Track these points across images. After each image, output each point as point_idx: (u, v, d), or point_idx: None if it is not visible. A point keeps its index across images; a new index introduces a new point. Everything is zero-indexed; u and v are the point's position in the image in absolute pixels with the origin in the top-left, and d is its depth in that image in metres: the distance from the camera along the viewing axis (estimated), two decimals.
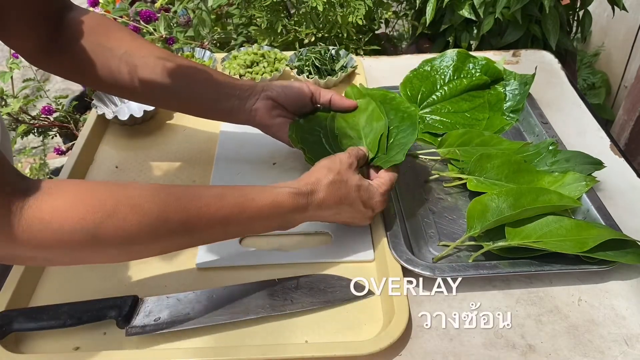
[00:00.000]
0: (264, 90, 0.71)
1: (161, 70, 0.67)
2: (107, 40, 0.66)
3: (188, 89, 0.69)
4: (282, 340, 0.55)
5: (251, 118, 0.72)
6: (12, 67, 1.21)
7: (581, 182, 0.66)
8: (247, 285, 0.60)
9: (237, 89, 0.70)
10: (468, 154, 0.72)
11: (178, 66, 0.68)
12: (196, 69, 0.70)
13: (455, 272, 0.59)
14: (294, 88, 0.72)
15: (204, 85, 0.70)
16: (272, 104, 0.71)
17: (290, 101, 0.72)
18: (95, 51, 0.65)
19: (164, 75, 0.67)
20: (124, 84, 0.67)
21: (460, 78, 0.84)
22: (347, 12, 1.17)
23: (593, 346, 0.54)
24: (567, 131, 0.80)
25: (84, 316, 0.55)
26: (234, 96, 0.70)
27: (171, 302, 0.57)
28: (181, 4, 1.34)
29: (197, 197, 0.52)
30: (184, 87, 0.69)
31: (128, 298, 0.56)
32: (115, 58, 0.65)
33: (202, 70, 0.70)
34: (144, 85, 0.67)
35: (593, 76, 1.93)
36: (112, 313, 0.55)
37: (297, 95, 0.72)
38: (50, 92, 2.16)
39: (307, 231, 0.66)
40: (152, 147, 0.82)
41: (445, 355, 0.54)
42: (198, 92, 0.70)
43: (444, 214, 0.69)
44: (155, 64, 0.67)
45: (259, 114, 0.71)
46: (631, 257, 0.59)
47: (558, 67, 0.97)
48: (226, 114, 0.72)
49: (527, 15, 1.27)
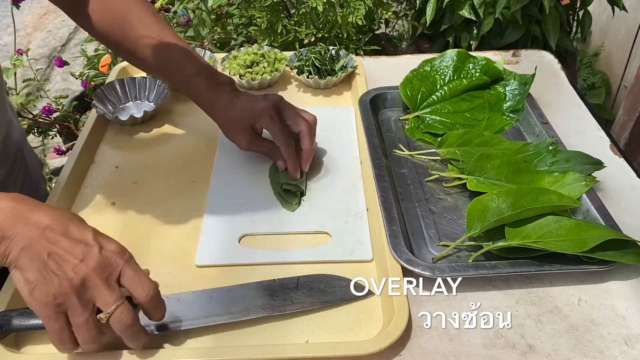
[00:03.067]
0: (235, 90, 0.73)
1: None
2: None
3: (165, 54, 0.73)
4: (282, 340, 0.55)
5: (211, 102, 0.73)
6: (16, 63, 1.22)
7: (581, 182, 0.66)
8: (246, 285, 0.60)
9: (211, 69, 0.74)
10: (468, 154, 0.72)
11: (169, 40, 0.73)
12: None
13: (455, 272, 0.59)
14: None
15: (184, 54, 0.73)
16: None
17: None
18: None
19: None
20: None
21: (460, 78, 0.84)
22: (347, 12, 1.17)
23: (593, 346, 0.54)
24: (567, 131, 0.80)
25: None
26: (205, 73, 0.72)
27: (171, 302, 0.57)
28: (181, 4, 1.34)
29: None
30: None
31: (128, 297, 0.56)
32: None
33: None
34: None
35: (593, 76, 1.93)
36: None
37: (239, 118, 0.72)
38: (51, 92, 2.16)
39: (306, 231, 0.66)
40: (152, 147, 0.82)
41: (445, 355, 0.54)
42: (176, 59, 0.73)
43: (444, 214, 0.69)
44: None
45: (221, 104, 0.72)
46: (631, 257, 0.59)
47: (558, 67, 0.97)
48: (191, 84, 0.73)
49: (527, 15, 1.27)
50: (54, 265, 0.46)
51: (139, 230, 0.67)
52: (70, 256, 0.46)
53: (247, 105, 0.72)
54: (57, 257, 0.46)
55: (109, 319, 0.47)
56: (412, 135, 0.81)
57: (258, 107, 0.71)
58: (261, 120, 0.71)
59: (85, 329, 0.47)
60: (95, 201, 0.72)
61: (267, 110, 0.71)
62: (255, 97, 0.74)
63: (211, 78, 0.73)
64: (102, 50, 1.39)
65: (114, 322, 0.47)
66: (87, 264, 0.46)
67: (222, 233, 0.66)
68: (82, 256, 0.46)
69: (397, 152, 0.78)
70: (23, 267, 0.46)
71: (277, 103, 0.72)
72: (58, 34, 2.86)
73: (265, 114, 0.70)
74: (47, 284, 0.45)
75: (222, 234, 0.66)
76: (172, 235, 0.67)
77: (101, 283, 0.47)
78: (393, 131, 0.83)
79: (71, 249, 0.46)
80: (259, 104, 0.71)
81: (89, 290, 0.46)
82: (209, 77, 0.73)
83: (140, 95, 0.90)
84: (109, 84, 0.89)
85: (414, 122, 0.82)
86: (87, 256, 0.46)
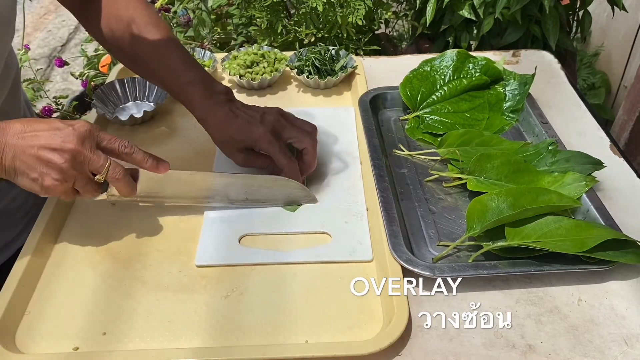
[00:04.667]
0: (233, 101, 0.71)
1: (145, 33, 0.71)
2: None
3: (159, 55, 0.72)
4: (282, 340, 0.55)
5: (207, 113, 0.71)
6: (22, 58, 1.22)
7: (581, 182, 0.66)
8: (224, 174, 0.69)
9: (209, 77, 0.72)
10: (468, 154, 0.72)
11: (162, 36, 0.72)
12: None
13: (455, 272, 0.59)
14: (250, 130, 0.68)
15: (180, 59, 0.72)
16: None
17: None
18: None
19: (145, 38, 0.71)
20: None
21: (460, 78, 0.84)
22: (347, 12, 1.17)
23: (593, 346, 0.54)
24: (567, 131, 0.80)
25: None
26: (201, 82, 0.71)
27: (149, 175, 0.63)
28: (181, 4, 1.34)
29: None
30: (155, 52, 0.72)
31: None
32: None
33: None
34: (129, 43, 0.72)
35: (593, 76, 1.93)
36: None
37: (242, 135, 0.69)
38: (51, 92, 2.16)
39: (306, 231, 0.66)
40: (152, 147, 0.81)
41: (445, 355, 0.54)
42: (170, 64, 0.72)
43: (444, 214, 0.69)
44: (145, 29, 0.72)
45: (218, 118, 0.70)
46: (631, 257, 0.59)
47: (558, 67, 0.97)
48: (186, 93, 0.72)
49: (527, 15, 1.27)
50: (45, 155, 0.55)
51: (139, 230, 0.67)
52: (54, 143, 0.55)
53: (244, 127, 0.68)
54: (44, 149, 0.55)
55: (106, 177, 0.58)
56: (412, 135, 0.81)
57: (255, 133, 0.68)
58: (259, 146, 0.69)
59: (90, 191, 0.60)
60: (96, 201, 0.71)
61: (264, 136, 0.68)
62: (252, 115, 0.69)
63: (206, 88, 0.70)
64: (102, 51, 1.39)
65: (109, 178, 0.59)
66: (70, 143, 0.55)
67: (222, 233, 0.66)
68: (62, 139, 0.55)
69: (397, 152, 0.78)
70: (23, 170, 0.55)
71: (275, 125, 0.69)
72: (58, 34, 2.86)
73: (262, 140, 0.68)
74: (48, 173, 0.55)
75: (222, 234, 0.66)
76: (172, 235, 0.67)
77: (87, 153, 0.57)
78: (393, 131, 0.83)
79: (52, 138, 0.55)
80: (256, 129, 0.68)
81: (81, 164, 0.57)
82: (204, 87, 0.70)
83: (140, 95, 0.90)
84: (109, 84, 0.89)
85: (414, 122, 0.82)
86: (65, 138, 0.55)
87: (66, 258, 0.64)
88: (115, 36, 0.73)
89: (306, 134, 0.70)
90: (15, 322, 0.57)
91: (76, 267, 0.63)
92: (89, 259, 0.64)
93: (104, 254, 0.64)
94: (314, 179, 0.74)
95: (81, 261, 0.64)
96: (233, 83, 0.94)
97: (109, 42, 0.75)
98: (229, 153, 0.72)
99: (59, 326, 0.57)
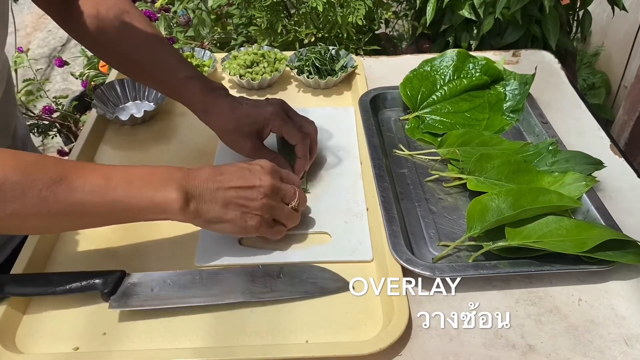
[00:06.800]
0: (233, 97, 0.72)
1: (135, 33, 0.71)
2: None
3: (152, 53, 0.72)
4: (282, 340, 0.55)
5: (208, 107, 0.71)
6: (17, 60, 1.22)
7: (581, 182, 0.66)
8: (230, 269, 0.61)
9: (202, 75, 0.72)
10: (468, 154, 0.72)
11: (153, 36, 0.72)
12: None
13: (455, 272, 0.59)
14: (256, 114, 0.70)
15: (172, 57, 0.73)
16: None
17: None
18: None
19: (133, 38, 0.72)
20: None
21: (460, 78, 0.84)
22: (347, 12, 1.17)
23: (593, 346, 0.54)
24: (567, 131, 0.80)
25: (72, 285, 0.57)
26: (197, 78, 0.71)
27: (155, 282, 0.59)
28: (181, 4, 1.34)
29: (71, 190, 0.51)
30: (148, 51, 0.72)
31: (115, 272, 0.58)
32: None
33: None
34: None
35: (593, 76, 1.93)
36: (98, 284, 0.57)
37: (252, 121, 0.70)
38: (51, 92, 2.16)
39: (306, 231, 0.66)
40: (152, 147, 0.82)
41: (445, 355, 0.54)
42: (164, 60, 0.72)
43: (444, 214, 0.69)
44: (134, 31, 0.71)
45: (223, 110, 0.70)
46: (631, 257, 0.59)
47: (558, 67, 0.97)
48: (184, 93, 0.72)
49: (527, 15, 1.27)
50: (243, 195, 0.58)
51: (139, 230, 0.67)
52: (247, 182, 0.58)
53: (252, 110, 0.70)
54: (240, 190, 0.58)
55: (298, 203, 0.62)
56: (412, 135, 0.81)
57: (267, 112, 0.69)
58: (272, 124, 0.69)
59: (291, 217, 0.63)
60: None
61: (277, 113, 0.69)
62: (257, 102, 0.72)
63: (205, 83, 0.71)
64: None
65: (301, 202, 0.63)
66: (263, 180, 0.58)
67: None
68: (254, 177, 0.59)
69: (397, 152, 0.78)
70: (224, 216, 0.57)
71: (284, 106, 0.72)
72: (58, 34, 2.86)
73: (276, 117, 0.69)
74: (250, 212, 0.58)
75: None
76: (172, 235, 0.67)
77: (279, 185, 0.60)
78: (393, 131, 0.83)
79: (243, 177, 0.58)
80: (266, 108, 0.70)
81: (278, 194, 0.60)
82: (203, 82, 0.71)
83: (140, 95, 0.90)
84: (109, 84, 0.89)
85: (414, 122, 0.82)
86: (256, 176, 0.59)
87: (66, 258, 0.64)
88: (104, 29, 0.71)
89: (310, 122, 0.73)
90: (15, 322, 0.57)
91: (76, 267, 0.63)
92: (89, 259, 0.64)
93: (104, 254, 0.64)
94: (314, 179, 0.74)
95: (81, 261, 0.64)
96: (233, 83, 0.94)
97: (95, 38, 0.72)
98: (235, 142, 0.72)
99: (59, 326, 0.57)
